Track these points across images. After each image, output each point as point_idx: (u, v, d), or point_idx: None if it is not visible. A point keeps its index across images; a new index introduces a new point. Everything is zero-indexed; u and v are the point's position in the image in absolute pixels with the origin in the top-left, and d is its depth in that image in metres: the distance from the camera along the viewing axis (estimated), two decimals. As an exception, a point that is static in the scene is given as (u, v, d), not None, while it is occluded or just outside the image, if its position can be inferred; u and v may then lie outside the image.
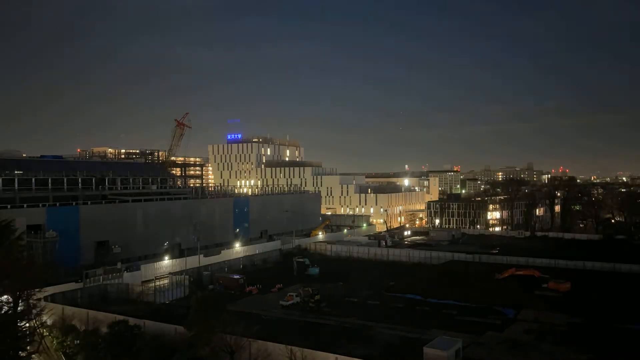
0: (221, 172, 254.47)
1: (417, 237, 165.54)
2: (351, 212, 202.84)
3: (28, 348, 52.80)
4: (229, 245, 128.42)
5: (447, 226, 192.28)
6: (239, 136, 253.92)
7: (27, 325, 53.18)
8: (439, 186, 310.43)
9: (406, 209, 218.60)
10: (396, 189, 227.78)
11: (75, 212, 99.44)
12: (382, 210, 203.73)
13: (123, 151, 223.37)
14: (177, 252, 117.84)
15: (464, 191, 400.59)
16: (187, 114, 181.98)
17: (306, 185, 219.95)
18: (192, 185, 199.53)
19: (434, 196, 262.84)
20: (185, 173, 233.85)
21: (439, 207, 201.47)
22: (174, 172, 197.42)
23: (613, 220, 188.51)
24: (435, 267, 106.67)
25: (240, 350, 51.15)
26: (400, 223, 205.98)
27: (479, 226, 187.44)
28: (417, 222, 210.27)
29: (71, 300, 76.20)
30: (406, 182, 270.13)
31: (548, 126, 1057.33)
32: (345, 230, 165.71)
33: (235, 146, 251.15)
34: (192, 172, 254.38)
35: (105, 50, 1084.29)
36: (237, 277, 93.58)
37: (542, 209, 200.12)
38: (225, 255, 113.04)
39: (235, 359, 51.18)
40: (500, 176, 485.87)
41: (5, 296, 52.62)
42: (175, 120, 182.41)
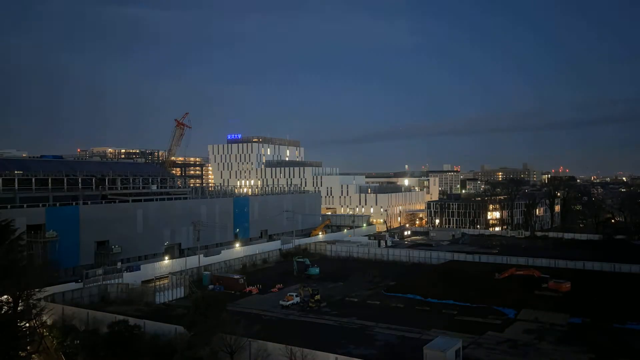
0: (221, 172, 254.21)
1: (417, 237, 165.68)
2: (351, 212, 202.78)
3: (28, 348, 52.75)
4: (229, 245, 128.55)
5: (447, 226, 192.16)
6: (239, 136, 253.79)
7: (27, 325, 53.12)
8: (439, 186, 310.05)
9: (406, 209, 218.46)
10: (396, 189, 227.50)
11: (75, 212, 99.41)
12: (382, 210, 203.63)
13: (123, 151, 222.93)
14: (177, 252, 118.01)
15: (464, 191, 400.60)
16: (187, 114, 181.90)
17: (306, 185, 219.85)
18: (192, 185, 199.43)
19: (434, 196, 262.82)
20: (185, 173, 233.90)
21: (439, 207, 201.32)
22: (174, 172, 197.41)
23: (613, 220, 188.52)
24: (435, 267, 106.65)
25: (240, 350, 51.18)
26: (400, 223, 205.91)
27: (479, 226, 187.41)
28: (417, 222, 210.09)
29: (71, 300, 76.34)
30: (406, 182, 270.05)
31: (548, 126, 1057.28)
32: (345, 230, 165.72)
33: (235, 146, 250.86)
34: (192, 172, 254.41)
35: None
36: (237, 277, 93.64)
37: (542, 209, 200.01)
38: (225, 255, 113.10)
39: (235, 359, 51.19)
40: (500, 176, 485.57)
41: (5, 296, 52.57)
42: (175, 120, 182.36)
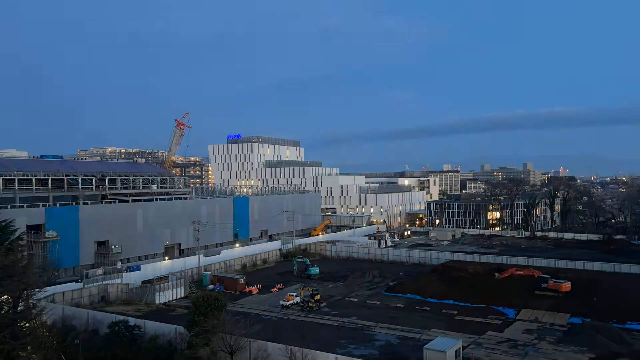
0: (221, 172, 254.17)
1: (417, 237, 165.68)
2: (351, 212, 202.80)
3: (28, 348, 52.71)
4: (229, 245, 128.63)
5: (447, 226, 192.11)
6: (239, 136, 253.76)
7: (27, 325, 53.07)
8: (439, 186, 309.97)
9: (406, 209, 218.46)
10: (396, 189, 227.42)
11: (75, 212, 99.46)
12: (382, 210, 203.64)
13: (123, 151, 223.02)
14: (177, 252, 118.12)
15: (464, 191, 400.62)
16: (187, 114, 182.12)
17: (306, 185, 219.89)
18: (192, 185, 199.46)
19: (434, 196, 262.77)
20: (185, 173, 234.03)
21: (439, 207, 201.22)
22: (174, 172, 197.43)
23: (613, 220, 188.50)
24: (435, 267, 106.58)
25: (240, 350, 51.16)
26: (400, 223, 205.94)
27: (479, 226, 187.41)
28: (417, 222, 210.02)
29: (71, 300, 76.37)
30: (406, 182, 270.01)
31: (549, 126, 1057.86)
32: (346, 230, 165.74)
33: (235, 146, 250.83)
34: (192, 172, 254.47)
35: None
36: (237, 277, 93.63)
37: (542, 209, 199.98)
38: (225, 255, 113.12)
39: (235, 359, 51.18)
40: (500, 176, 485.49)
41: (5, 296, 52.55)
42: (175, 120, 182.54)
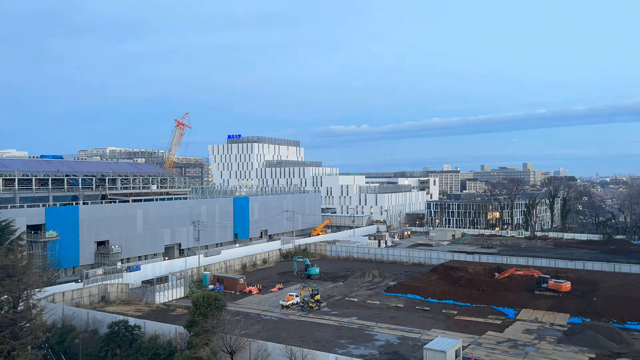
0: (221, 172, 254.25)
1: (417, 237, 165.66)
2: (351, 212, 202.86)
3: (28, 348, 52.74)
4: (229, 245, 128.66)
5: (447, 226, 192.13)
6: (239, 136, 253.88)
7: (27, 325, 53.11)
8: (439, 186, 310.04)
9: (406, 209, 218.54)
10: (396, 189, 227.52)
11: (75, 212, 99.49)
12: (382, 210, 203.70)
13: (123, 151, 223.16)
14: (177, 252, 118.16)
15: (464, 191, 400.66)
16: (187, 114, 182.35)
17: (306, 185, 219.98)
18: (192, 185, 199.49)
19: (434, 196, 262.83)
20: (185, 173, 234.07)
21: (439, 207, 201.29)
22: (174, 172, 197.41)
23: (613, 220, 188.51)
24: (435, 267, 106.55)
25: (240, 350, 51.17)
26: (400, 223, 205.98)
27: (479, 226, 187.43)
28: (417, 222, 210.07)
29: (71, 300, 76.39)
30: (406, 182, 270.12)
31: (549, 126, 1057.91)
32: (346, 230, 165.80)
33: (235, 146, 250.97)
34: (192, 172, 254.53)
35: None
36: (237, 277, 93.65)
37: (542, 209, 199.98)
38: (225, 255, 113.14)
39: (235, 359, 51.19)
40: (500, 176, 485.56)
41: (5, 296, 52.58)
42: (175, 120, 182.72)
